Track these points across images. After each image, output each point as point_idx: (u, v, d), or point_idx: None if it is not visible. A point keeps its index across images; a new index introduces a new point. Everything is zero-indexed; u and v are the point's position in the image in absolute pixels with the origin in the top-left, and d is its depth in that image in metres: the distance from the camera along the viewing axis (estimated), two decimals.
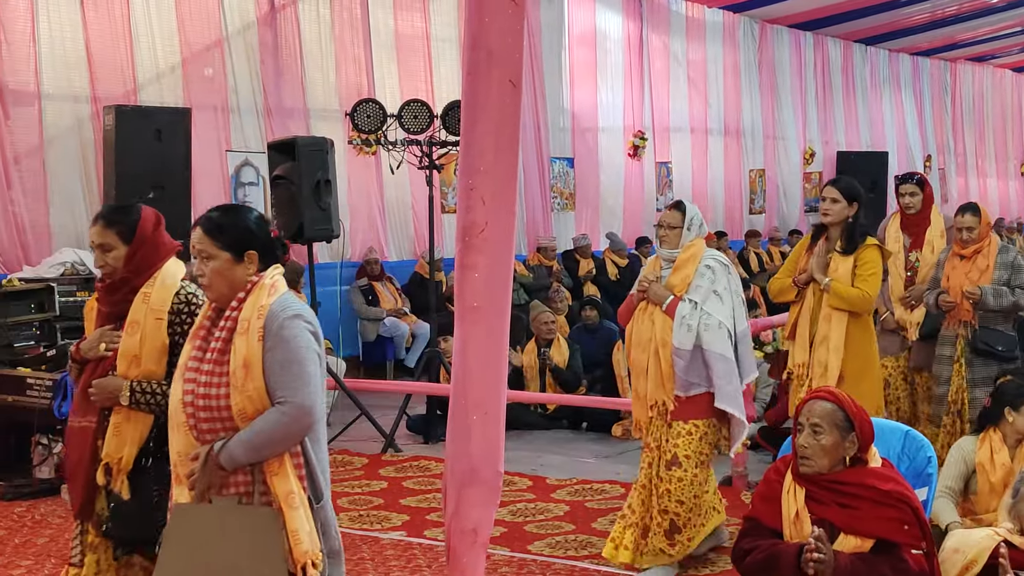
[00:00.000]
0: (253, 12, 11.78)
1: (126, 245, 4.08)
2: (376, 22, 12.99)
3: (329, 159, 9.36)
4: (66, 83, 10.31)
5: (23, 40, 9.98)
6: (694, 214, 5.93)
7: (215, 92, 11.36)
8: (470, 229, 3.15)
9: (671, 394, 5.69)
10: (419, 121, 9.96)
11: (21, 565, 6.20)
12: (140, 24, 10.79)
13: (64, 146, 10.27)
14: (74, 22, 10.33)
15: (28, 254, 9.87)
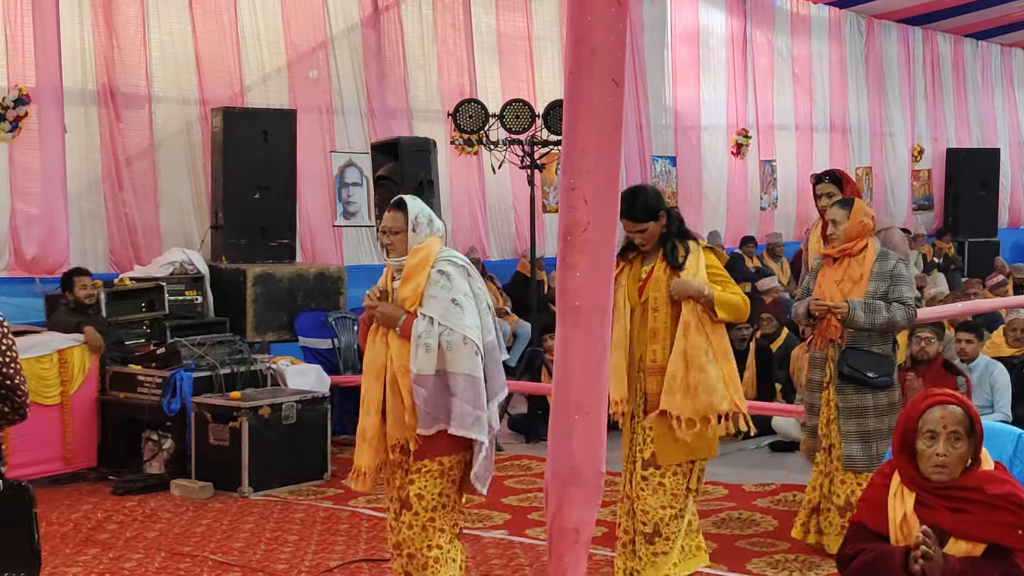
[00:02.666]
0: (357, 14, 11.90)
1: None
2: (478, 22, 13.04)
3: (432, 159, 9.43)
4: (175, 86, 10.53)
5: (134, 45, 10.23)
6: (418, 211, 4.90)
7: (320, 94, 11.50)
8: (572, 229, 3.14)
9: (414, 432, 4.67)
10: (521, 121, 9.98)
11: (132, 558, 6.34)
12: (247, 28, 10.98)
13: (173, 148, 10.49)
14: (183, 27, 10.55)
15: (139, 254, 10.10)
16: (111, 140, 10.07)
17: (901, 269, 5.99)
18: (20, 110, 9.45)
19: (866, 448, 5.88)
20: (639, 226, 5.16)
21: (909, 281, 6.02)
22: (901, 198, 19.61)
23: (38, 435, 7.92)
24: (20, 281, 9.47)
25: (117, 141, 10.10)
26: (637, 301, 5.19)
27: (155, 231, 10.29)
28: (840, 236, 6.00)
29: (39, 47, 9.54)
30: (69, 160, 9.75)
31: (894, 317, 5.86)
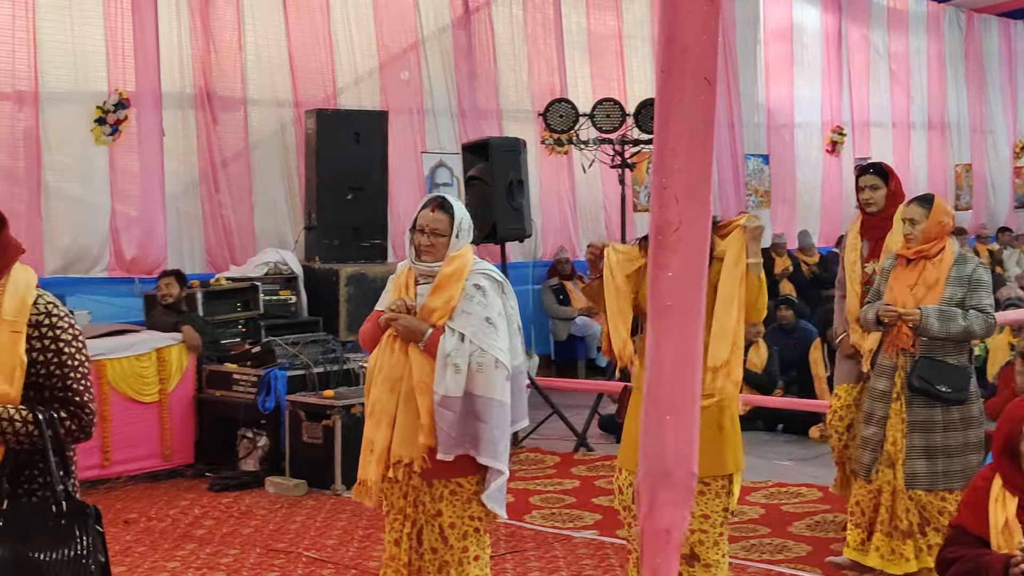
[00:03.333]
0: (448, 15, 11.96)
1: None
2: (568, 22, 13.03)
3: (522, 159, 9.44)
4: (270, 89, 10.68)
5: (230, 48, 10.40)
6: (463, 215, 4.49)
7: (411, 95, 11.58)
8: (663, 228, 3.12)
9: (422, 451, 4.34)
10: (611, 120, 9.95)
11: (228, 554, 6.44)
12: (340, 30, 11.10)
13: (268, 150, 10.64)
14: (278, 30, 10.70)
15: (234, 254, 10.27)
16: (207, 143, 10.26)
17: (981, 274, 5.51)
18: (120, 114, 9.67)
19: (930, 465, 5.44)
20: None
21: (989, 287, 5.57)
22: (1002, 196, 19.19)
23: (138, 432, 8.10)
24: (120, 281, 9.69)
25: (213, 144, 10.28)
26: None
27: (250, 232, 10.45)
28: (918, 236, 5.51)
29: (139, 52, 9.75)
30: (167, 162, 9.95)
31: (971, 326, 5.37)
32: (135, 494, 7.82)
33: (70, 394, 3.22)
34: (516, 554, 6.31)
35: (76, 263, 9.60)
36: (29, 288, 3.22)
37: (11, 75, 9.24)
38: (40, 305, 3.21)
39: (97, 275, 9.67)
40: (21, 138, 9.27)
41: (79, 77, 9.62)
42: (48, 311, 3.21)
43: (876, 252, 6.07)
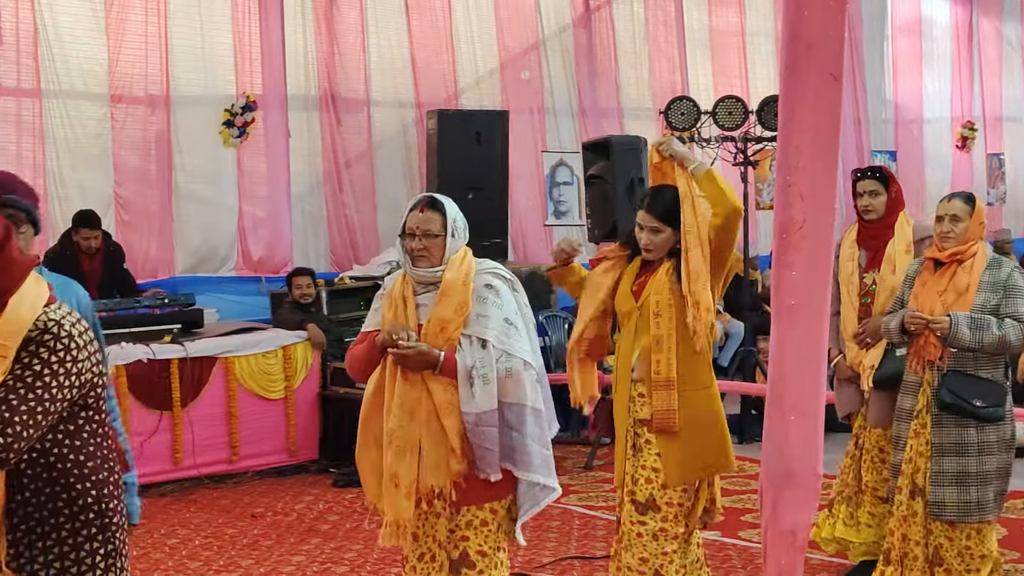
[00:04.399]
0: (568, 15, 11.97)
1: None
2: (690, 19, 12.94)
3: (643, 157, 9.38)
4: (392, 90, 10.83)
5: (354, 51, 10.57)
6: (456, 213, 4.13)
7: (532, 94, 11.62)
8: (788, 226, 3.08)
9: (455, 477, 3.96)
10: (734, 117, 9.84)
11: (352, 549, 6.53)
12: (461, 31, 11.19)
13: (390, 150, 10.78)
14: (400, 32, 10.84)
15: (357, 253, 10.42)
16: (332, 143, 10.44)
17: (1018, 279, 4.93)
18: (247, 116, 9.89)
19: (962, 493, 4.89)
20: (655, 223, 4.46)
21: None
22: None
23: (265, 428, 8.28)
24: (247, 280, 9.92)
25: (337, 144, 10.46)
26: (634, 306, 4.47)
27: (373, 231, 10.60)
28: (958, 236, 5.00)
29: (265, 56, 9.97)
30: (292, 164, 10.15)
31: (1006, 336, 4.80)
32: (262, 489, 7.99)
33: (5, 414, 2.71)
34: None
35: (205, 263, 9.85)
36: (32, 307, 2.84)
37: (144, 80, 9.53)
38: (40, 322, 2.81)
39: (225, 274, 9.91)
40: (153, 141, 9.55)
41: (208, 81, 9.87)
42: (46, 327, 2.81)
43: (876, 262, 5.58)
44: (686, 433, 4.37)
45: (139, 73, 9.52)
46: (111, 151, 9.43)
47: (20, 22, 9.03)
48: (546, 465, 4.06)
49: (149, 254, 9.56)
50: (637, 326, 4.46)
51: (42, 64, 9.11)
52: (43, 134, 9.15)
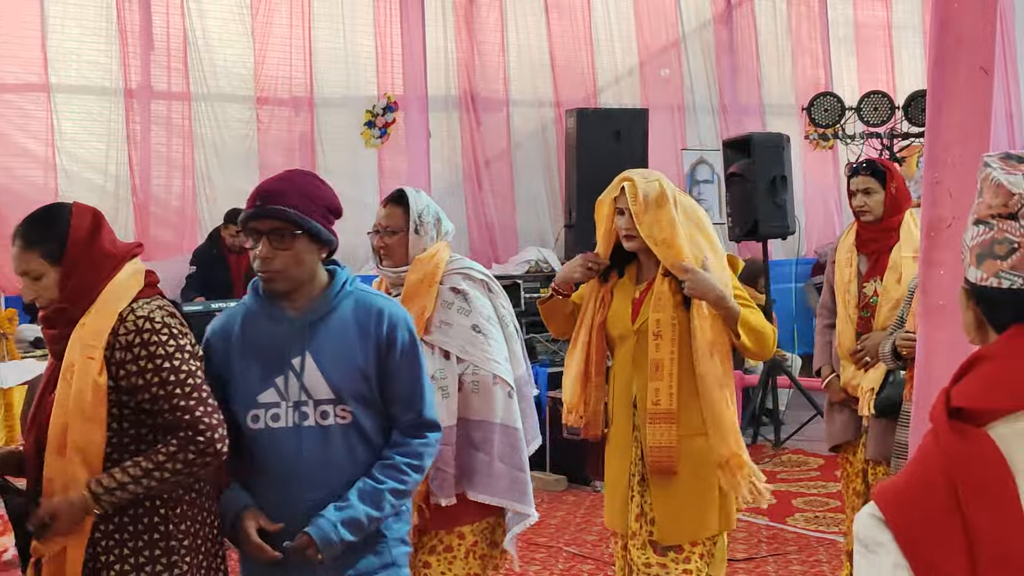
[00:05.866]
0: (709, 11, 11.85)
1: (56, 267, 2.83)
2: (835, 13, 12.68)
3: (785, 155, 9.26)
4: (531, 89, 10.86)
5: (493, 50, 10.64)
6: (424, 207, 3.81)
7: (671, 92, 11.53)
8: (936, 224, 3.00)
9: (418, 500, 3.61)
10: (879, 113, 9.64)
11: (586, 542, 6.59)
12: (600, 29, 11.17)
13: (529, 150, 10.82)
14: (539, 31, 10.87)
15: (497, 252, 10.48)
16: (471, 143, 10.52)
17: None
18: (388, 117, 10.03)
19: None
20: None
21: None
22: None
23: None
24: None
25: (477, 144, 10.54)
26: (630, 328, 3.79)
27: (512, 230, 10.65)
28: None
29: (406, 57, 10.09)
30: (432, 163, 10.24)
31: None
32: None
33: (179, 415, 2.75)
34: (778, 556, 6.18)
35: (345, 262, 9.93)
36: (120, 300, 2.82)
37: (288, 82, 9.75)
38: (129, 323, 2.78)
39: (366, 273, 10.05)
40: (297, 142, 9.76)
41: (350, 83, 10.05)
42: (139, 327, 2.77)
43: (878, 269, 4.84)
44: (685, 480, 3.70)
45: (283, 76, 9.75)
46: (256, 152, 9.67)
47: (171, 28, 9.31)
48: (517, 489, 3.72)
49: None
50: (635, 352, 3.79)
51: (191, 68, 9.38)
52: (192, 136, 9.42)
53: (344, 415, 2.92)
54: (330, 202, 3.04)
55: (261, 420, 2.93)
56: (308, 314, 2.96)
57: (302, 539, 2.85)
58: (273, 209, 2.87)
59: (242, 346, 2.98)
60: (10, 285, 8.41)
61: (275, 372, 2.93)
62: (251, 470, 2.96)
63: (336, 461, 2.92)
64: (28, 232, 2.84)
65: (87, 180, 8.93)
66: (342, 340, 2.95)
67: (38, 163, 8.87)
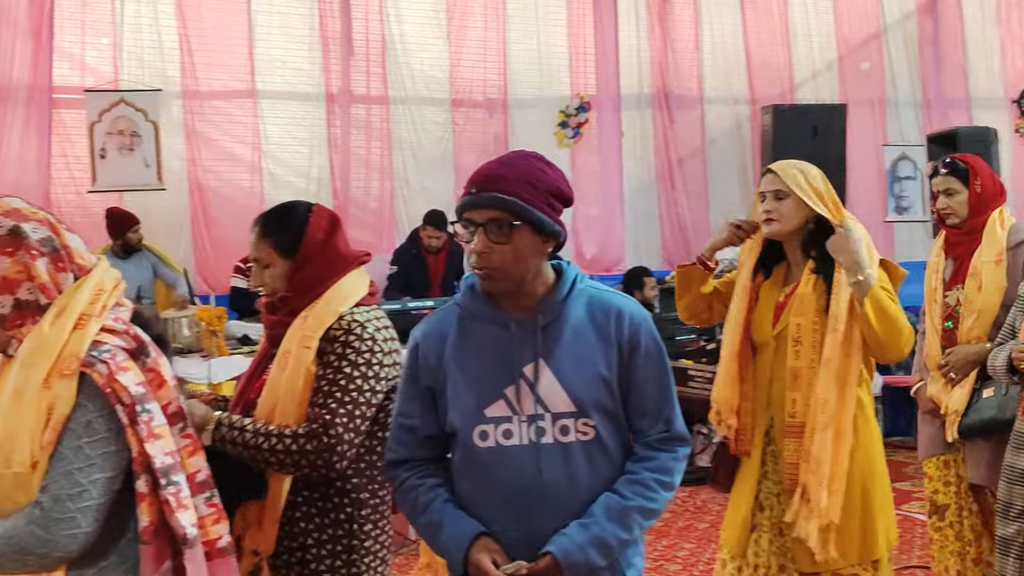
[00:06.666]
0: (912, 2, 11.48)
1: (287, 259, 2.95)
2: None
3: (993, 150, 8.88)
4: (725, 86, 10.74)
5: (687, 48, 10.57)
6: None
7: (871, 86, 11.22)
8: None
9: None
10: None
11: (684, 547, 6.51)
12: (798, 23, 10.97)
13: (723, 147, 10.69)
14: (735, 27, 10.74)
15: (690, 251, 10.37)
16: (664, 142, 10.46)
17: None
18: (581, 117, 10.05)
19: None
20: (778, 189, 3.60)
21: None
22: None
23: None
24: None
25: (670, 142, 10.47)
26: (769, 333, 3.59)
27: (705, 229, 10.53)
28: None
29: (599, 56, 10.11)
30: (625, 162, 10.23)
31: None
32: None
33: (320, 410, 2.78)
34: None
35: None
36: (344, 301, 2.91)
37: (483, 84, 9.88)
38: (345, 320, 2.87)
39: None
40: (492, 144, 9.87)
41: (544, 83, 10.12)
42: (349, 327, 2.86)
43: (961, 276, 4.41)
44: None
45: (478, 78, 9.88)
46: (451, 154, 9.83)
47: (370, 34, 9.55)
48: None
49: None
50: (773, 359, 3.58)
51: (389, 72, 9.59)
52: (390, 138, 9.64)
53: (586, 430, 2.56)
54: (556, 188, 2.59)
55: (491, 437, 2.57)
56: (538, 316, 2.58)
57: (544, 560, 2.48)
58: (490, 197, 2.51)
59: (460, 352, 2.62)
60: (219, 285, 8.77)
61: (504, 382, 2.57)
62: (479, 493, 2.60)
63: (579, 483, 2.55)
64: (267, 222, 2.97)
65: (290, 183, 9.23)
66: (579, 345, 2.58)
67: (245, 167, 9.22)
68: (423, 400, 2.64)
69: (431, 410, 2.64)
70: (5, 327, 2.23)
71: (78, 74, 8.82)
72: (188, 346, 6.99)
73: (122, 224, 8.00)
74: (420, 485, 2.64)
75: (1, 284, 2.21)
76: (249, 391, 2.99)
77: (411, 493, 2.65)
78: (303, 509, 2.89)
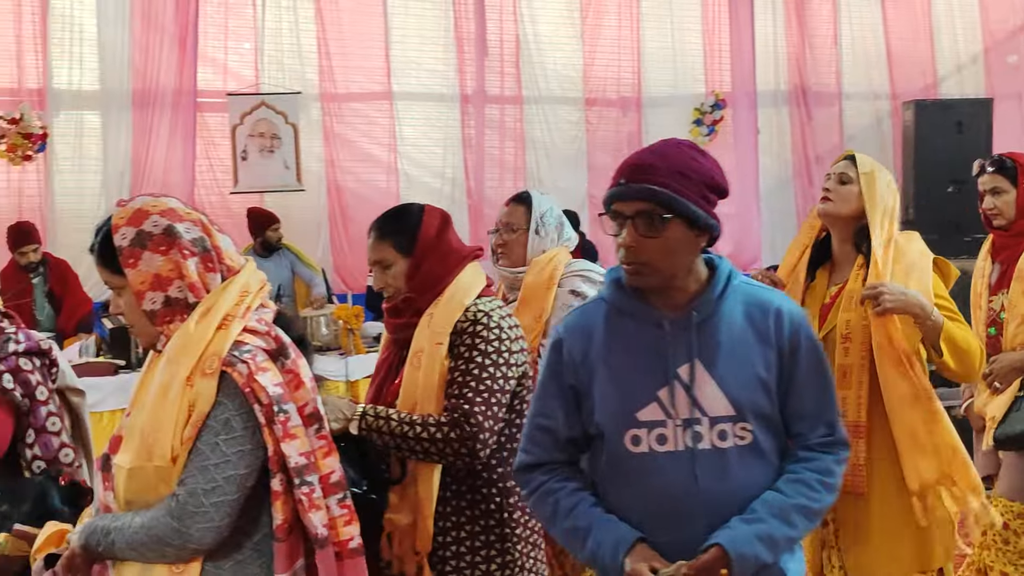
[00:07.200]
0: None
1: (406, 258, 3.04)
2: None
3: None
4: (865, 81, 10.56)
5: (825, 43, 10.42)
6: (546, 210, 3.75)
7: (1020, 79, 10.89)
8: None
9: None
10: None
11: None
12: (941, 16, 10.74)
13: (862, 143, 10.46)
14: (875, 22, 10.56)
15: None
16: (801, 138, 10.31)
17: None
18: (716, 114, 9.95)
19: None
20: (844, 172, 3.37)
21: None
22: None
23: None
24: None
25: (807, 139, 10.32)
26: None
27: None
28: None
29: (735, 53, 10.01)
30: (761, 159, 10.12)
31: None
32: None
33: (459, 401, 2.84)
34: None
35: None
36: (467, 294, 2.97)
37: (616, 83, 9.87)
38: (470, 312, 2.94)
39: None
40: (625, 142, 9.83)
41: (678, 81, 10.06)
42: (475, 319, 2.93)
43: (1006, 280, 4.09)
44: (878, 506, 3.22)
45: (612, 76, 9.87)
46: (585, 153, 9.82)
47: (504, 34, 9.60)
48: None
49: None
50: None
51: (523, 72, 9.63)
52: (523, 138, 9.67)
53: (744, 435, 2.41)
54: (710, 178, 2.47)
55: (643, 442, 2.42)
56: (691, 314, 2.43)
57: (712, 552, 2.33)
58: (640, 188, 2.37)
59: (607, 350, 2.47)
60: (356, 284, 8.92)
61: (656, 384, 2.42)
62: (628, 500, 2.45)
63: (736, 491, 2.41)
64: (383, 225, 3.07)
65: (425, 183, 9.33)
66: (736, 345, 2.43)
67: (381, 167, 9.36)
68: (564, 400, 2.50)
69: (573, 411, 2.50)
70: (155, 323, 2.31)
71: (221, 78, 9.04)
72: (326, 344, 7.13)
73: (262, 223, 8.18)
74: (560, 489, 2.50)
75: (153, 281, 2.29)
76: (386, 394, 3.05)
77: (550, 497, 2.49)
78: (453, 503, 2.95)
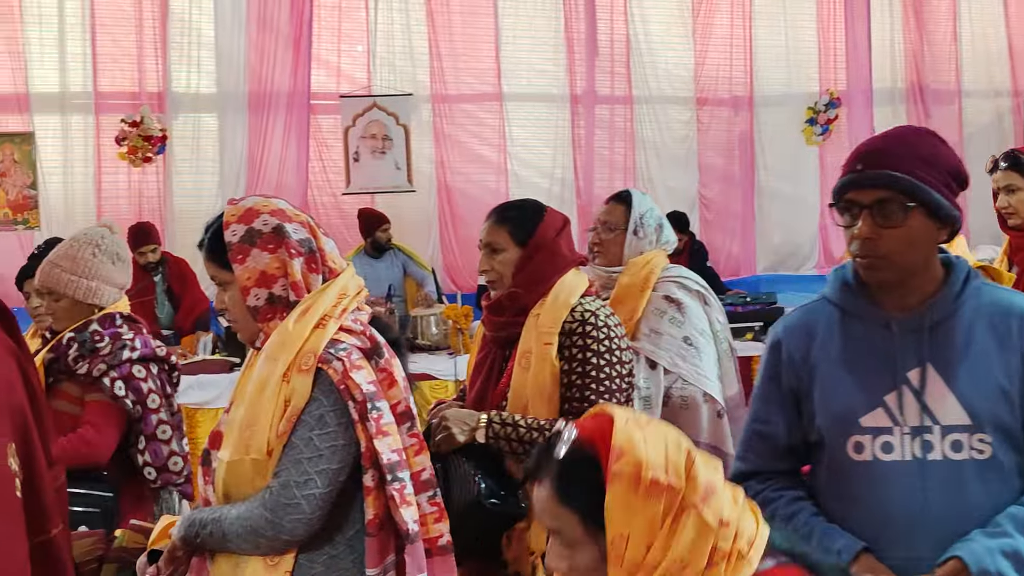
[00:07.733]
0: None
1: (519, 248, 3.02)
2: None
3: None
4: (986, 79, 10.33)
5: (944, 40, 10.21)
6: (646, 210, 3.67)
7: None
8: None
9: None
10: None
11: None
12: None
13: (983, 141, 10.22)
14: (996, 18, 10.34)
15: None
16: None
17: None
18: (830, 113, 9.79)
19: None
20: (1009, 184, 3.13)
21: None
22: None
23: None
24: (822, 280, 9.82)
25: None
26: None
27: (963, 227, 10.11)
28: None
29: (850, 51, 9.85)
30: None
31: None
32: None
33: (580, 404, 2.84)
34: None
35: (787, 260, 9.89)
36: (571, 294, 2.98)
37: (728, 82, 9.78)
38: (577, 312, 2.95)
39: (806, 272, 9.88)
40: (736, 141, 9.75)
41: (791, 80, 9.93)
42: (583, 319, 2.94)
43: (1022, 283, 3.85)
44: None
45: (723, 75, 9.77)
46: (696, 153, 9.75)
47: (614, 34, 9.57)
48: None
49: (731, 252, 9.77)
50: None
51: (633, 72, 9.59)
52: (633, 138, 9.63)
53: (982, 447, 2.21)
54: (954, 167, 2.37)
55: (867, 450, 2.26)
56: (924, 315, 2.26)
57: (950, 564, 2.15)
58: (880, 174, 2.24)
59: (830, 351, 2.33)
60: (465, 284, 8.98)
61: (883, 388, 2.26)
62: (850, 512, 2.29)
63: (972, 509, 2.21)
64: (505, 211, 3.12)
65: (534, 184, 9.34)
66: (974, 350, 2.24)
67: (491, 168, 9.40)
68: (784, 405, 2.38)
69: (794, 416, 2.37)
70: (257, 319, 2.37)
71: (334, 80, 9.16)
72: (435, 343, 7.18)
73: (372, 223, 8.27)
74: (779, 497, 2.36)
75: (259, 278, 2.35)
76: (491, 396, 3.06)
77: (768, 506, 2.32)
78: None
